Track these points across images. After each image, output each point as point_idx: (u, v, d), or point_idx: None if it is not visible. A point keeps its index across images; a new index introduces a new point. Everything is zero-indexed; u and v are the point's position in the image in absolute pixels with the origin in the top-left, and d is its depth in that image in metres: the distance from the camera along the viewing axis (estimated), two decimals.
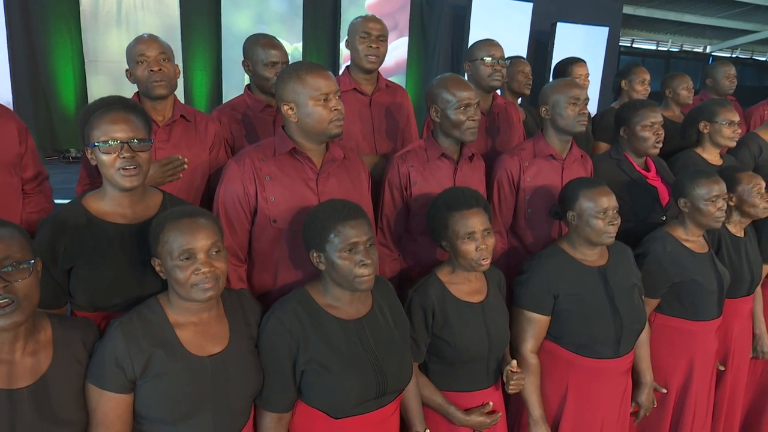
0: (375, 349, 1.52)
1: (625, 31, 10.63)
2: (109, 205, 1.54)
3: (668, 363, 2.12)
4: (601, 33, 8.07)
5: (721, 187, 2.04)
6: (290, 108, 1.65)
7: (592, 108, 7.07)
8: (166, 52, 2.00)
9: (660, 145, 2.29)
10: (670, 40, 12.11)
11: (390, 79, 2.46)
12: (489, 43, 2.55)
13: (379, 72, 2.33)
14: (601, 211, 1.84)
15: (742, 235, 2.33)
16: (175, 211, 1.40)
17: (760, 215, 2.27)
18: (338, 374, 1.46)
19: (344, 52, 7.02)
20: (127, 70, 2.03)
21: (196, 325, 1.41)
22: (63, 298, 1.54)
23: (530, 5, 7.45)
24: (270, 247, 1.69)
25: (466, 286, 1.80)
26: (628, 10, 9.41)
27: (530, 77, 2.95)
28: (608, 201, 1.86)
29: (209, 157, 2.11)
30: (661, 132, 2.27)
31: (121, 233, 1.53)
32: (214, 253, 1.36)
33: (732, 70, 3.55)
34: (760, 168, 2.78)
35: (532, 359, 1.90)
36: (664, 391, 2.11)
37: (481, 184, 2.09)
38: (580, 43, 7.86)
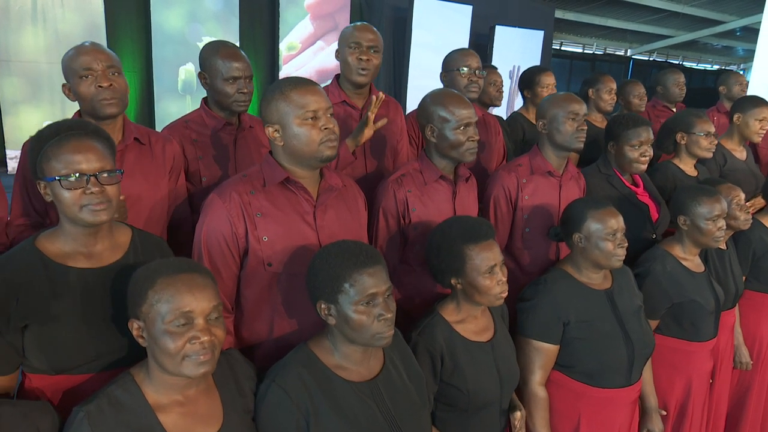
0: (393, 414, 1.32)
1: (555, 35, 10.97)
2: (69, 245, 1.28)
3: (666, 384, 2.06)
4: (536, 36, 8.24)
5: (722, 206, 2.00)
6: (275, 130, 1.43)
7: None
8: (114, 65, 1.69)
9: (646, 163, 2.24)
10: (595, 44, 12.64)
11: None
12: (465, 53, 2.42)
13: (371, 84, 2.13)
14: (610, 233, 1.75)
15: (725, 248, 2.32)
16: (168, 263, 1.15)
17: (741, 227, 2.27)
18: None
19: (283, 53, 6.73)
20: (64, 86, 1.70)
21: (182, 405, 1.16)
22: (15, 360, 1.26)
23: (470, 8, 7.47)
24: (263, 293, 1.46)
25: (474, 325, 1.64)
26: (558, 14, 9.70)
27: (501, 88, 2.84)
28: (617, 222, 1.76)
29: (169, 184, 1.83)
30: (650, 152, 2.22)
31: (85, 279, 1.27)
32: (213, 318, 1.13)
33: (681, 78, 3.62)
34: (725, 177, 2.81)
35: (541, 392, 1.78)
36: (664, 413, 2.05)
37: (475, 205, 1.95)
38: (518, 46, 8.00)
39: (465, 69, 2.36)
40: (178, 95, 5.91)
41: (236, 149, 2.02)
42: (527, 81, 3.06)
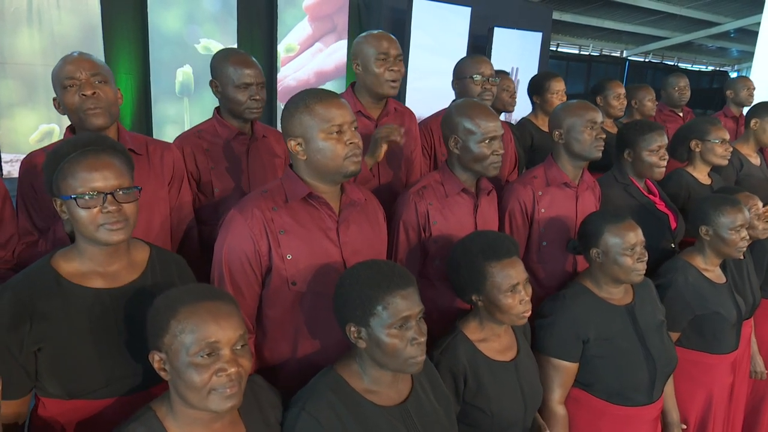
0: None
1: (552, 36, 10.96)
2: (85, 264, 1.24)
3: (687, 397, 2.03)
4: (535, 38, 8.22)
5: (745, 216, 1.97)
6: (298, 143, 1.39)
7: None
8: (101, 73, 1.61)
9: (665, 168, 2.21)
10: (591, 45, 12.65)
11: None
12: (478, 60, 2.38)
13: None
14: (629, 248, 1.71)
15: (743, 258, 2.29)
16: (190, 291, 1.10)
17: (759, 237, 2.24)
18: None
19: (281, 55, 6.66)
20: (54, 99, 1.64)
21: None
22: (27, 384, 1.21)
23: (468, 9, 7.43)
24: (286, 313, 1.41)
25: (497, 343, 1.60)
26: (555, 15, 9.67)
27: (515, 94, 2.80)
28: (635, 236, 1.72)
29: (169, 194, 1.77)
30: (667, 156, 2.19)
31: (102, 300, 1.23)
32: (239, 347, 1.08)
33: (682, 82, 3.60)
34: (742, 182, 2.79)
35: (561, 410, 1.74)
36: (684, 427, 2.02)
37: (496, 219, 1.91)
38: (517, 47, 7.98)
39: (478, 76, 2.31)
40: (175, 98, 5.82)
41: (249, 159, 1.98)
42: (537, 87, 3.02)
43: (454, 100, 2.48)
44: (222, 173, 1.94)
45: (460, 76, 2.38)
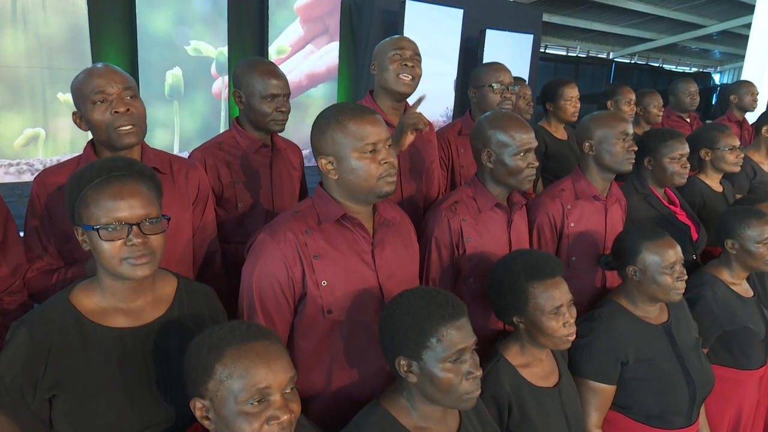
0: None
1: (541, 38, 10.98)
2: (106, 300, 1.13)
3: (716, 414, 1.98)
4: (526, 40, 8.21)
5: None
6: (329, 162, 1.30)
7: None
8: (132, 87, 1.48)
9: (687, 176, 2.16)
10: (579, 47, 12.71)
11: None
12: (497, 68, 2.30)
13: (407, 102, 2.00)
14: (668, 266, 1.65)
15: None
16: (235, 330, 1.00)
17: None
18: None
19: (273, 57, 6.54)
20: (74, 114, 1.49)
21: None
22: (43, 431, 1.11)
23: (461, 12, 7.39)
24: (321, 342, 1.32)
25: (539, 369, 1.53)
26: (544, 17, 9.69)
27: (531, 101, 2.73)
28: (675, 254, 1.67)
29: (194, 216, 1.65)
30: (688, 164, 2.15)
31: (125, 342, 1.12)
32: (288, 391, 0.99)
33: (693, 87, 3.56)
34: (755, 191, 2.77)
35: None
36: None
37: (527, 234, 1.84)
38: (508, 49, 7.95)
39: (497, 85, 2.24)
40: (165, 100, 5.68)
41: (273, 173, 1.89)
42: (550, 93, 2.95)
43: (469, 110, 2.42)
44: (246, 187, 1.85)
45: (478, 84, 2.30)
